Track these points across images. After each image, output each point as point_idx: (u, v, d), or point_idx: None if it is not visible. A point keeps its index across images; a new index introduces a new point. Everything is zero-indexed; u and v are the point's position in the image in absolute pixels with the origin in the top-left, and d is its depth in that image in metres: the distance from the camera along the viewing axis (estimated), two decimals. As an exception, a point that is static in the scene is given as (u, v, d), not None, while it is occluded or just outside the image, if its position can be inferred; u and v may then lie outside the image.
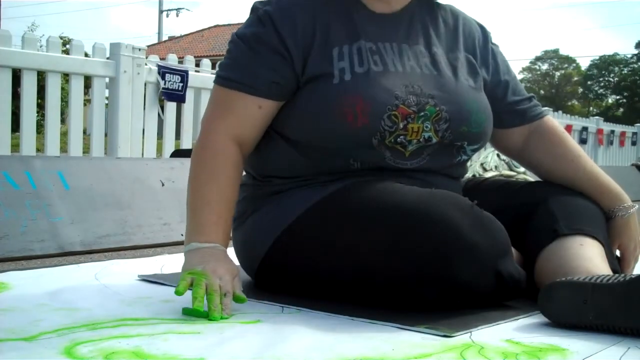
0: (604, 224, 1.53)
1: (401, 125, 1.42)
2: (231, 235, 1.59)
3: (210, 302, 1.26)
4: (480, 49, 1.64)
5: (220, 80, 1.49)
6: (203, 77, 4.72)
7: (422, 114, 1.44)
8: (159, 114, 4.38)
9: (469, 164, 1.66)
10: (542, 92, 50.49)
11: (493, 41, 1.69)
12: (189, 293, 1.29)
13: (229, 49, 1.52)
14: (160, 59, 4.50)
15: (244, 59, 1.47)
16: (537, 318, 1.30)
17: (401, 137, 1.43)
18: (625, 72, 49.83)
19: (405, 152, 1.45)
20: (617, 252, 1.57)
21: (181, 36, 32.58)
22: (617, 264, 1.51)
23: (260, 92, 1.45)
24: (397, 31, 1.53)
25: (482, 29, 1.68)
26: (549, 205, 1.50)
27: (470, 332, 1.20)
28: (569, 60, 54.00)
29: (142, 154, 4.25)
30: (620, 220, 1.56)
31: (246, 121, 1.46)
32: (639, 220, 1.60)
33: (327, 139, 1.43)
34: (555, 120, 1.71)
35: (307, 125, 1.45)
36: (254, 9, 1.53)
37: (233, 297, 1.30)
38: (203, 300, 1.26)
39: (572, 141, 1.68)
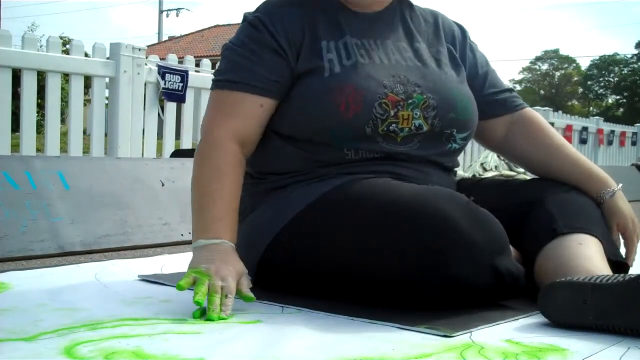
0: (602, 219, 1.53)
1: (392, 113, 1.47)
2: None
3: (209, 303, 1.26)
4: (460, 43, 1.70)
5: (219, 83, 1.51)
6: (203, 77, 4.72)
7: (410, 101, 1.49)
8: (159, 114, 4.38)
9: (469, 164, 1.67)
10: (542, 92, 50.54)
11: (471, 39, 1.74)
12: (188, 292, 1.29)
13: (224, 55, 1.54)
14: (160, 59, 4.50)
15: (242, 60, 1.51)
16: (537, 318, 1.30)
17: (393, 124, 1.47)
18: (625, 72, 49.83)
19: (397, 138, 1.49)
20: (621, 244, 1.58)
21: (181, 36, 32.58)
22: (620, 254, 1.51)
23: (261, 91, 1.48)
24: (380, 29, 1.59)
25: (461, 27, 1.74)
26: (547, 204, 1.51)
27: (470, 332, 1.20)
28: (569, 60, 54.02)
29: (142, 154, 4.24)
30: (609, 201, 1.57)
31: (249, 120, 1.48)
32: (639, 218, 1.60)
33: (321, 131, 1.46)
34: (536, 112, 1.74)
35: (300, 119, 1.48)
36: (244, 19, 1.57)
37: (241, 297, 1.31)
38: (204, 297, 1.26)
39: (553, 130, 1.71)
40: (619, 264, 1.46)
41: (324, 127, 1.46)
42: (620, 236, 1.58)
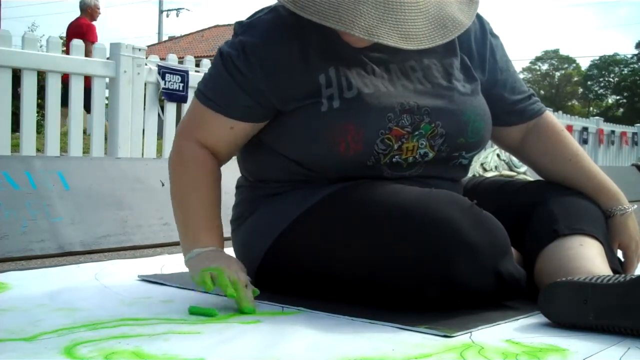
0: (604, 223, 1.52)
1: (395, 147, 1.42)
2: (231, 237, 1.60)
3: (239, 293, 1.31)
4: (478, 45, 1.57)
5: (198, 94, 1.50)
6: (203, 77, 4.72)
7: (416, 132, 1.43)
8: (159, 114, 4.38)
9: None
10: (542, 92, 50.52)
11: (493, 32, 1.62)
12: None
13: (213, 63, 1.51)
14: (160, 59, 4.50)
15: (221, 80, 1.46)
16: (537, 318, 1.30)
17: (396, 156, 1.43)
18: (625, 72, 49.82)
19: (403, 164, 1.45)
20: (620, 254, 1.57)
21: (181, 36, 32.55)
22: (618, 263, 1.50)
23: (232, 115, 1.45)
24: (386, 50, 1.44)
25: (480, 20, 1.59)
26: (548, 205, 1.50)
27: (470, 332, 1.20)
28: (569, 60, 54.02)
29: (142, 154, 4.25)
30: (619, 218, 1.56)
31: (218, 138, 1.48)
32: (638, 223, 1.59)
33: (321, 164, 1.44)
34: (554, 117, 1.69)
35: (298, 150, 1.45)
36: (234, 32, 1.49)
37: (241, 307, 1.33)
38: (233, 289, 1.31)
39: (570, 139, 1.66)
40: (615, 273, 1.45)
41: (323, 164, 1.43)
42: (621, 255, 1.56)
